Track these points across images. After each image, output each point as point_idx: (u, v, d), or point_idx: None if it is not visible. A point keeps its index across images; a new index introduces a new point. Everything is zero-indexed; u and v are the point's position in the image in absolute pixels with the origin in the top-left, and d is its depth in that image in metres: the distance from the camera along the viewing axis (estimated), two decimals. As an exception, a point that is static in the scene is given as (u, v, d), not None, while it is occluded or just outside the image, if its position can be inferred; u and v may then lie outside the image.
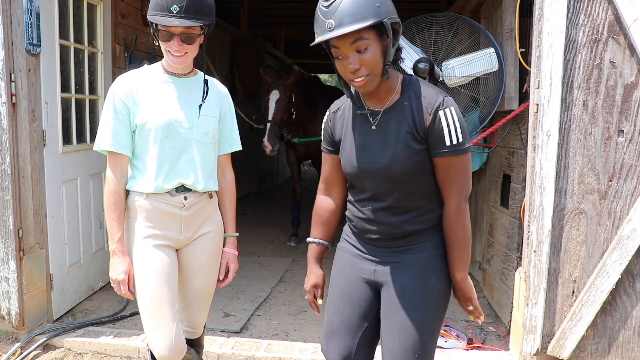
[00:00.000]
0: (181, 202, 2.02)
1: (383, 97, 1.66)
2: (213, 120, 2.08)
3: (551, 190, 2.59)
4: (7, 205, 2.99)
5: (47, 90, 3.26)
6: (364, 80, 1.57)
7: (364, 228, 1.76)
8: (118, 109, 1.96)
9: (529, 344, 2.71)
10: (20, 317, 3.09)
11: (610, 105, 2.54)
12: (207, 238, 2.13)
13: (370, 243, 1.78)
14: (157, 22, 1.87)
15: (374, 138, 1.66)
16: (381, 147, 1.65)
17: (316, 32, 1.59)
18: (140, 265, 2.00)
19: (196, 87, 2.07)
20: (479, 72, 3.49)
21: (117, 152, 1.97)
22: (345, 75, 1.60)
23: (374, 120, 1.67)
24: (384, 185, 1.67)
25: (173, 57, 1.95)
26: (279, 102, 4.85)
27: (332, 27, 1.51)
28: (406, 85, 1.66)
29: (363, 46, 1.53)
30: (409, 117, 1.61)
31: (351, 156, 1.70)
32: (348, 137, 1.72)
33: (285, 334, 3.40)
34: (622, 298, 2.61)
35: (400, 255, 1.72)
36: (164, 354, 1.97)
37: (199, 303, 2.15)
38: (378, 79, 1.59)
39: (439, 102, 1.59)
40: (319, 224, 1.88)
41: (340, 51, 1.56)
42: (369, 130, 1.68)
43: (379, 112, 1.66)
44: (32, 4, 3.04)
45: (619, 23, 2.48)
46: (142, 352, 3.05)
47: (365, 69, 1.55)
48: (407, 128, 1.61)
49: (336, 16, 1.50)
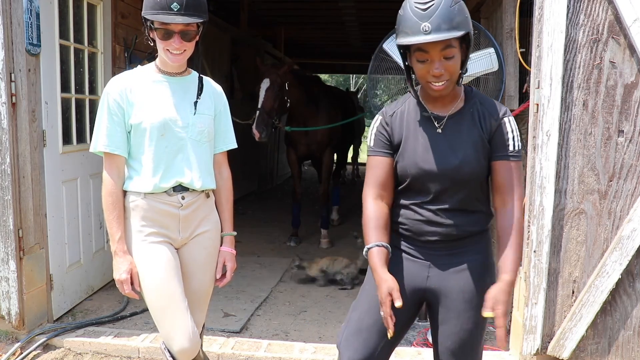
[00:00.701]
0: (179, 202, 2.03)
1: (448, 103, 1.73)
2: (208, 118, 2.09)
3: (551, 190, 2.59)
4: (7, 205, 2.99)
5: (47, 90, 3.26)
6: (444, 85, 1.63)
7: (421, 230, 1.75)
8: (112, 110, 1.96)
9: (529, 344, 2.71)
10: (20, 317, 3.09)
11: (610, 105, 2.54)
12: (204, 237, 2.13)
13: (426, 247, 1.77)
14: (159, 20, 1.88)
15: (440, 141, 1.71)
16: (448, 149, 1.69)
17: (404, 32, 1.60)
18: (145, 263, 1.99)
19: (191, 86, 2.08)
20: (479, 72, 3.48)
21: (112, 153, 1.97)
22: (426, 78, 1.64)
23: (439, 124, 1.72)
24: (449, 187, 1.70)
25: (172, 56, 1.96)
26: (268, 91, 4.86)
27: (428, 30, 1.54)
28: (469, 94, 1.76)
29: (451, 54, 1.59)
30: (477, 122, 1.70)
31: (415, 158, 1.71)
32: (410, 139, 1.74)
33: (285, 334, 3.40)
34: (622, 298, 2.61)
35: (456, 257, 1.75)
36: (184, 346, 1.96)
37: (196, 303, 2.15)
38: (453, 85, 1.68)
39: (504, 110, 1.72)
40: (378, 228, 1.75)
41: (427, 55, 1.60)
42: (433, 133, 1.72)
43: (444, 117, 1.72)
44: (32, 4, 3.04)
45: (619, 23, 2.48)
46: (142, 352, 3.05)
47: (447, 74, 1.62)
48: (476, 132, 1.70)
49: (433, 20, 1.53)
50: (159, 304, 1.98)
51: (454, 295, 1.73)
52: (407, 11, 1.58)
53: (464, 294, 1.73)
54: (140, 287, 2.00)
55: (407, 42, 1.59)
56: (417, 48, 1.60)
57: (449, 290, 1.74)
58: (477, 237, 1.77)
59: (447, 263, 1.75)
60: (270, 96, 4.86)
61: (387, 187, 1.80)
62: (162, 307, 1.98)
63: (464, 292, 1.73)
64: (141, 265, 2.00)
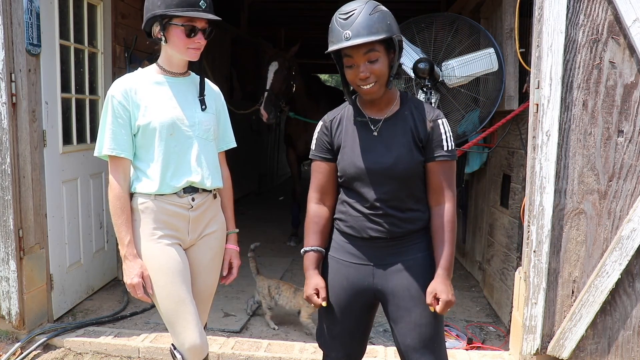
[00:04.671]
0: (189, 203, 2.03)
1: (384, 107, 1.84)
2: (212, 116, 2.11)
3: (551, 190, 2.59)
4: (8, 205, 2.99)
5: (48, 90, 3.27)
6: (372, 88, 1.74)
7: (363, 226, 1.82)
8: (117, 113, 1.95)
9: (528, 344, 2.71)
10: (21, 317, 3.10)
11: (610, 106, 2.54)
12: (211, 238, 2.14)
13: (367, 245, 1.83)
14: (191, 16, 1.91)
15: (376, 142, 1.81)
16: (384, 150, 1.79)
17: (331, 41, 1.74)
18: (158, 267, 1.99)
19: (192, 86, 2.10)
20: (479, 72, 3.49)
21: (118, 156, 1.96)
22: (355, 82, 1.75)
23: (374, 127, 1.82)
24: (386, 184, 1.79)
25: (193, 51, 1.99)
26: (277, 73, 4.90)
27: (349, 37, 1.67)
28: (404, 99, 1.86)
29: (374, 57, 1.70)
30: (411, 125, 1.80)
31: (354, 158, 1.81)
32: (348, 142, 1.84)
33: (285, 334, 3.40)
34: (621, 298, 2.61)
35: (397, 256, 1.83)
36: (196, 343, 1.98)
37: (200, 303, 2.15)
38: (383, 88, 1.77)
39: (437, 113, 1.83)
40: (315, 232, 1.90)
41: (352, 60, 1.72)
42: (370, 135, 1.82)
43: (380, 120, 1.82)
44: (33, 4, 3.04)
45: (619, 23, 2.49)
46: (142, 351, 3.05)
47: (373, 77, 1.72)
48: (410, 134, 1.79)
49: (353, 28, 1.66)
50: (171, 308, 1.99)
51: (400, 293, 1.81)
52: (333, 22, 1.72)
53: (410, 291, 1.80)
54: (153, 289, 2.00)
55: (332, 49, 1.72)
56: (345, 54, 1.73)
57: (395, 288, 1.82)
58: (417, 235, 1.84)
59: (389, 263, 1.83)
60: (278, 78, 4.89)
61: (329, 191, 1.91)
62: (174, 310, 1.98)
63: (409, 289, 1.80)
64: (153, 269, 1.99)
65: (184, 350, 1.99)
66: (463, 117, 3.72)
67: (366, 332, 1.98)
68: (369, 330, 2.01)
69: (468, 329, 3.41)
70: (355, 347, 1.96)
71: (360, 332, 1.94)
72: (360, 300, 1.87)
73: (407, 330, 1.81)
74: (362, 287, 1.85)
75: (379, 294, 1.86)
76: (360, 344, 1.98)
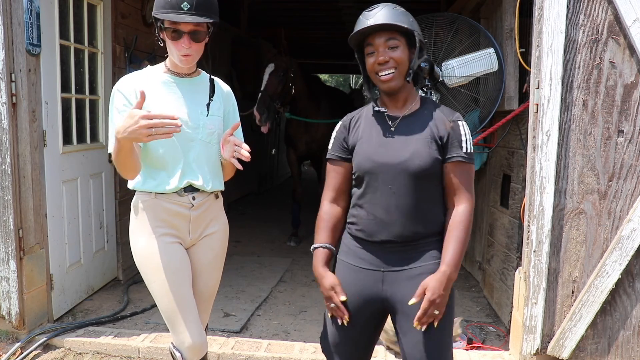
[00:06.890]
0: (189, 202, 2.03)
1: (403, 105, 1.84)
2: (218, 119, 2.09)
3: (551, 190, 2.59)
4: (8, 205, 2.99)
5: (48, 90, 3.27)
6: (391, 75, 1.74)
7: (373, 230, 1.78)
8: (121, 108, 1.95)
9: (528, 344, 2.71)
10: (21, 317, 3.10)
11: (610, 106, 2.54)
12: (212, 238, 2.14)
13: (378, 249, 1.79)
14: (169, 19, 1.86)
15: (393, 138, 1.80)
16: (401, 145, 1.78)
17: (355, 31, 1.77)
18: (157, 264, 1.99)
19: (201, 87, 2.07)
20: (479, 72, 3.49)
21: None
22: (374, 69, 1.76)
23: (392, 123, 1.82)
24: (401, 181, 1.74)
25: (182, 57, 1.94)
26: (272, 75, 4.88)
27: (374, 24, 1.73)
28: (424, 100, 1.88)
29: (394, 44, 1.74)
30: (430, 124, 1.79)
31: (369, 153, 1.80)
32: (364, 138, 1.84)
33: (285, 333, 3.40)
34: (621, 298, 2.62)
35: (409, 262, 1.77)
36: (196, 341, 1.99)
37: (200, 303, 2.16)
38: (402, 78, 1.78)
39: (457, 115, 1.84)
40: (326, 230, 1.87)
41: (373, 47, 1.75)
42: (387, 131, 1.82)
43: (398, 117, 1.82)
44: (33, 4, 3.04)
45: (619, 23, 2.49)
46: (142, 351, 3.05)
47: (393, 62, 1.74)
48: (429, 131, 1.78)
49: (377, 17, 1.73)
50: (171, 306, 1.99)
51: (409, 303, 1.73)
52: (359, 18, 1.79)
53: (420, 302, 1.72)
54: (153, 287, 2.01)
55: (356, 31, 1.77)
56: (367, 43, 1.77)
57: (405, 298, 1.73)
58: (430, 242, 1.78)
59: (400, 269, 1.77)
60: (273, 81, 4.86)
61: (343, 192, 1.91)
62: (174, 309, 1.99)
63: None
64: (154, 267, 2.00)
65: (183, 348, 2.00)
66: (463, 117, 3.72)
67: (371, 343, 1.93)
68: (374, 342, 1.94)
69: (468, 329, 3.41)
70: (358, 357, 1.90)
71: (364, 342, 1.89)
72: (368, 310, 1.82)
73: (416, 342, 1.74)
74: (370, 295, 1.80)
75: (388, 303, 1.80)
76: (364, 353, 1.92)
